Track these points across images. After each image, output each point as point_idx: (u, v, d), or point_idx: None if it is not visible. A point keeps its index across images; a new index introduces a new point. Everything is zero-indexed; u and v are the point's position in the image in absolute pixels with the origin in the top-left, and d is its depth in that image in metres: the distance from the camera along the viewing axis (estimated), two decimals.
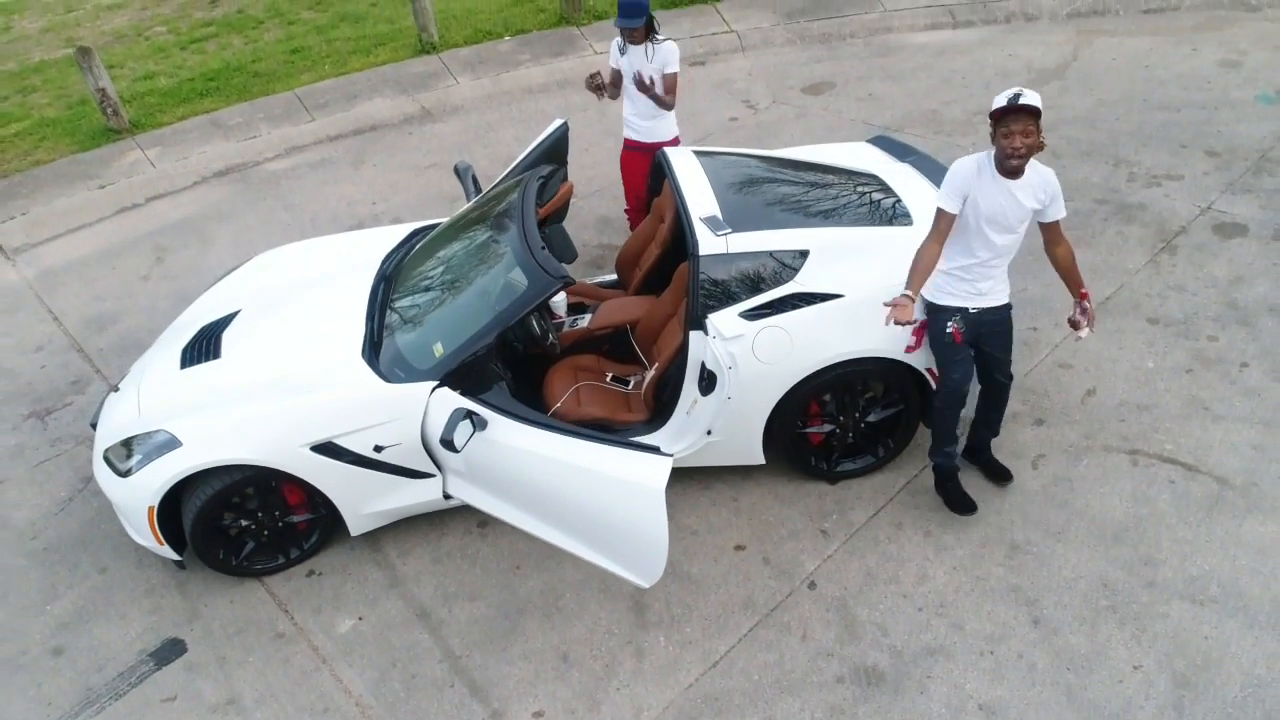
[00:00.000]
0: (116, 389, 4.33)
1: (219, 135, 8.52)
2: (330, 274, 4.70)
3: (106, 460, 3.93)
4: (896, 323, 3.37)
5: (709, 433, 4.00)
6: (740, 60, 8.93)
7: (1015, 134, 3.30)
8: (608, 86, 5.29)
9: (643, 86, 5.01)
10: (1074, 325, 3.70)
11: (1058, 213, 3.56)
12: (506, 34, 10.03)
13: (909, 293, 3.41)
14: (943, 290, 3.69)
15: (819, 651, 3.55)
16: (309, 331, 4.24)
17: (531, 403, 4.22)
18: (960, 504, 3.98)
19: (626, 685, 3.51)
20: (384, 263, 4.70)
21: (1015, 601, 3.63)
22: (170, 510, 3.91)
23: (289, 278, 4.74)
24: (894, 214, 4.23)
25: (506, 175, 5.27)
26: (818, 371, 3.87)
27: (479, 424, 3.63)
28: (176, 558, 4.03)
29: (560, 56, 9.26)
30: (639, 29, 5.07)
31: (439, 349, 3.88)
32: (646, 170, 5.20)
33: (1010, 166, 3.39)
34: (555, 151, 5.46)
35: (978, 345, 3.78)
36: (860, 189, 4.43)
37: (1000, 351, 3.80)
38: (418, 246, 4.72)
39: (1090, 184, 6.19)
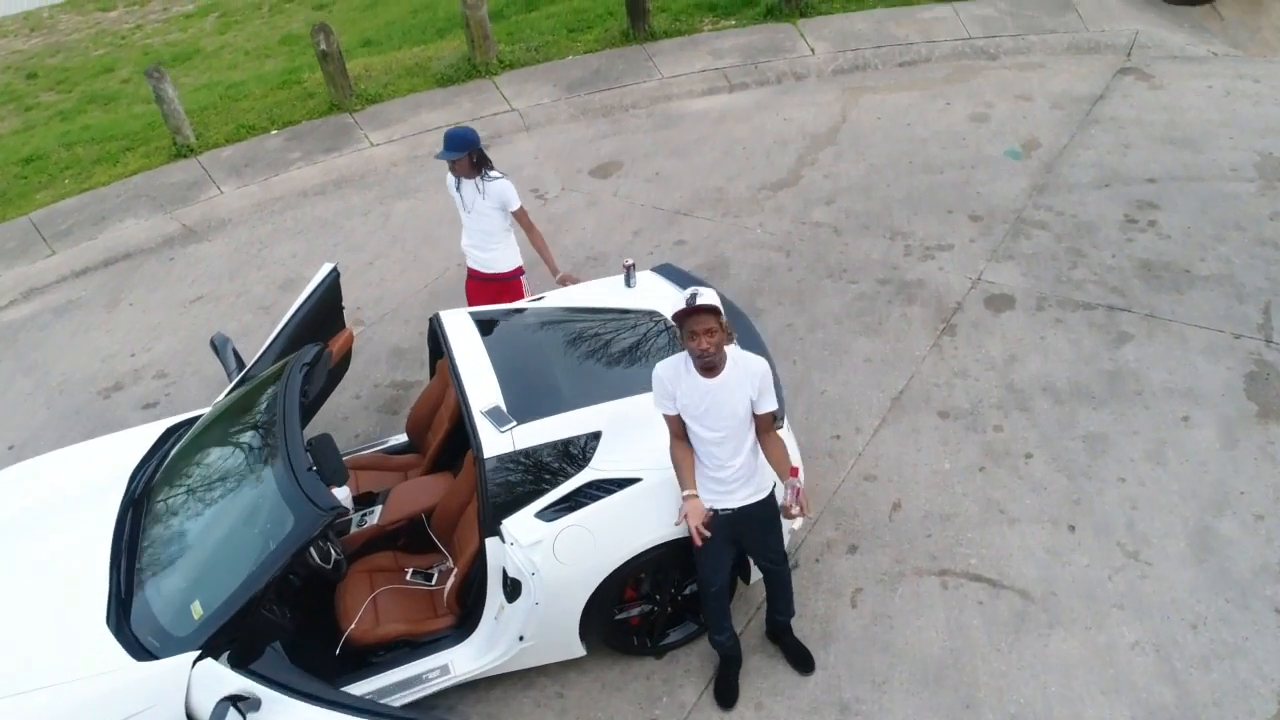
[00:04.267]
0: None
1: None
2: (67, 501, 4.06)
3: None
4: (699, 532, 3.32)
5: (521, 638, 3.73)
6: (525, 141, 8.69)
7: (699, 334, 3.18)
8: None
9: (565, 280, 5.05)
10: (787, 514, 3.34)
11: (767, 405, 3.39)
12: (273, 127, 9.31)
13: (691, 492, 3.35)
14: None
15: None
16: (39, 592, 3.62)
17: (321, 626, 3.82)
18: (723, 694, 3.86)
19: None
20: (132, 481, 4.11)
21: None
22: None
23: (8, 516, 4.04)
24: None
25: (274, 339, 4.81)
26: (626, 562, 3.68)
27: (252, 705, 3.19)
28: None
29: (334, 152, 8.69)
30: (461, 161, 4.88)
31: (197, 609, 3.39)
32: (491, 299, 5.11)
33: (704, 363, 3.26)
34: (327, 303, 5.05)
35: (737, 540, 3.66)
36: (648, 338, 4.28)
37: (761, 544, 3.68)
38: (171, 457, 4.16)
39: (872, 262, 6.38)
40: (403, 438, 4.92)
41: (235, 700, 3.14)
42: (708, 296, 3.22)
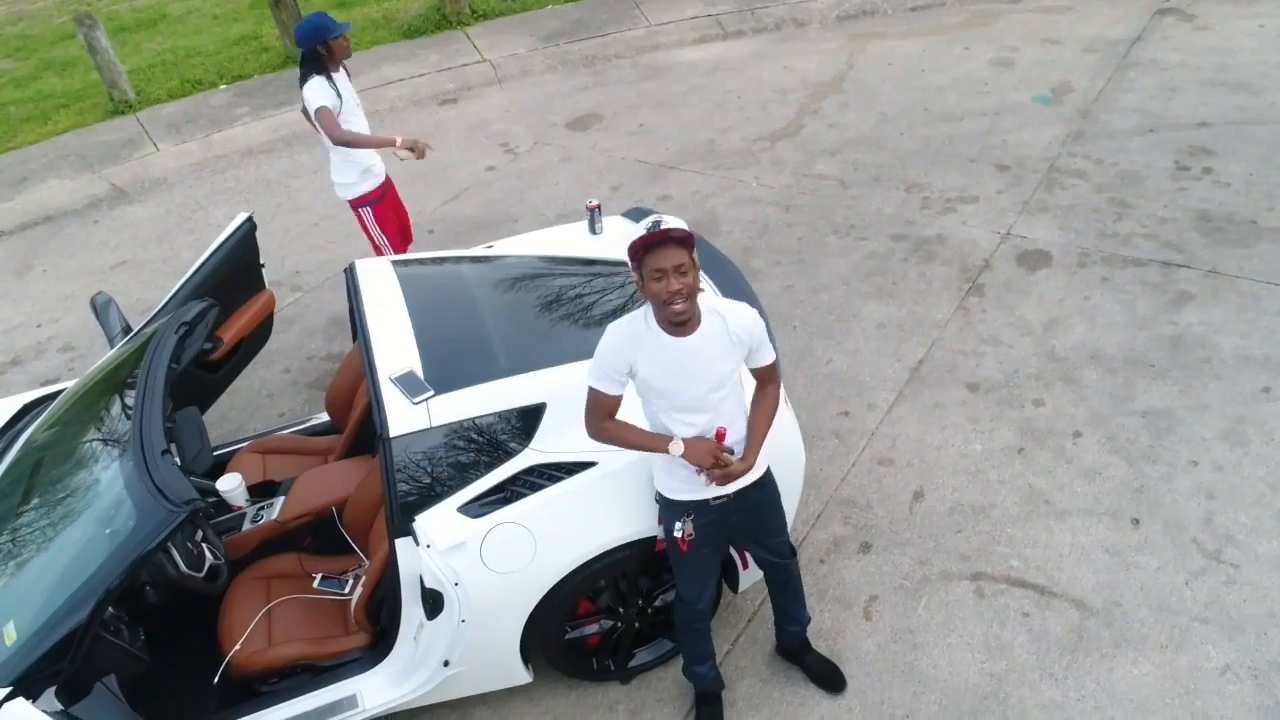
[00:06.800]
0: None
1: None
2: None
3: None
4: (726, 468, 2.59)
5: (447, 663, 2.93)
6: (497, 95, 7.85)
7: (668, 273, 2.35)
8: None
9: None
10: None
11: (766, 357, 2.64)
12: (221, 82, 8.48)
13: (677, 441, 2.56)
14: (672, 479, 2.70)
15: None
16: None
17: (202, 649, 3.03)
18: None
19: None
20: None
21: None
22: None
23: None
24: None
25: (169, 300, 3.99)
26: (577, 569, 2.87)
27: None
28: None
29: (285, 107, 7.84)
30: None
31: (10, 633, 2.59)
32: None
33: (674, 315, 2.42)
34: (239, 258, 4.22)
35: (732, 539, 2.89)
36: (612, 293, 3.46)
37: (763, 536, 2.88)
38: (20, 444, 3.34)
39: (884, 217, 5.55)
40: (324, 418, 4.12)
41: None
42: (675, 223, 2.40)
